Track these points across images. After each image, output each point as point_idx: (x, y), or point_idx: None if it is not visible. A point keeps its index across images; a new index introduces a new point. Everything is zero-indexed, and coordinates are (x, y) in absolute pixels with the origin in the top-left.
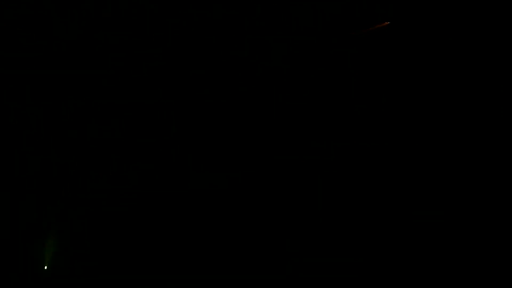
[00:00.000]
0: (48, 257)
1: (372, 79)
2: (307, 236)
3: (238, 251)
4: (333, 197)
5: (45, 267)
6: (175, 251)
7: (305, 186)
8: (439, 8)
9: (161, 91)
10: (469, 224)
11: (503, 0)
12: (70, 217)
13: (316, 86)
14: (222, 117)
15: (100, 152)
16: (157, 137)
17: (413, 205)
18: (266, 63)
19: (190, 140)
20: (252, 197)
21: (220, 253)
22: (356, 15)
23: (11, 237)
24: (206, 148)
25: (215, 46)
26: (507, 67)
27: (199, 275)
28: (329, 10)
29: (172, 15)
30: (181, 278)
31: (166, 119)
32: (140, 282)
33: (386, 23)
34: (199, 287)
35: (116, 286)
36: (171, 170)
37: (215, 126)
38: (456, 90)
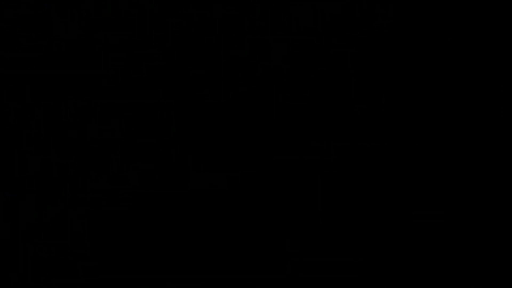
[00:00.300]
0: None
1: (372, 79)
2: (307, 236)
3: (238, 251)
4: (333, 197)
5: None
6: (175, 251)
7: (305, 186)
8: (439, 8)
9: (161, 91)
10: (469, 224)
11: (503, 0)
12: (70, 217)
13: (316, 86)
14: (222, 117)
15: (100, 152)
16: (157, 137)
17: (413, 205)
18: (266, 63)
19: (190, 140)
20: (252, 197)
21: (220, 253)
22: (356, 15)
23: (11, 237)
24: (206, 148)
25: (215, 46)
26: (507, 67)
27: (199, 275)
28: (329, 10)
29: (172, 15)
30: (181, 278)
31: (166, 119)
32: (140, 282)
33: None
34: (199, 287)
35: (116, 286)
36: (171, 170)
37: (215, 126)
38: (456, 90)
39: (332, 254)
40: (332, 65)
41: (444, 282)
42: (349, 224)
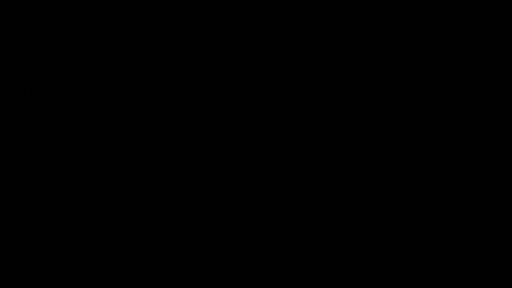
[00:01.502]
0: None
1: (372, 79)
2: (307, 236)
3: (238, 251)
4: (333, 197)
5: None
6: (175, 251)
7: (305, 186)
8: (439, 8)
9: (161, 91)
10: (469, 224)
11: (503, 0)
12: (70, 217)
13: (316, 86)
14: (222, 117)
15: (100, 152)
16: (157, 137)
17: (413, 205)
18: (266, 63)
19: (190, 140)
20: (252, 197)
21: (220, 253)
22: (356, 15)
23: (11, 237)
24: (206, 148)
25: (215, 46)
26: (507, 67)
27: (199, 275)
28: (329, 10)
29: (172, 15)
30: (181, 278)
31: (166, 119)
32: (140, 282)
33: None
34: (199, 287)
35: (116, 286)
36: (171, 170)
37: (215, 126)
38: (456, 90)
39: (332, 254)
40: (332, 65)
41: (444, 282)
42: (349, 224)
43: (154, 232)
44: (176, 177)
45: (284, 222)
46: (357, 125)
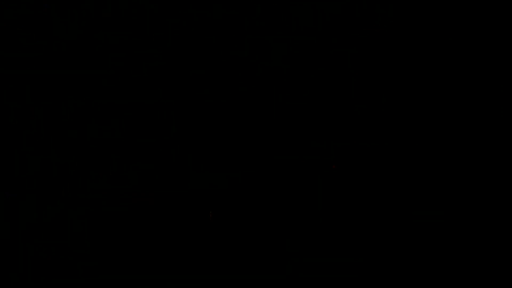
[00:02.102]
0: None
1: (372, 79)
2: (307, 236)
3: (238, 251)
4: (333, 197)
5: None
6: (175, 251)
7: (305, 186)
8: (439, 8)
9: (161, 91)
10: (469, 224)
11: (503, 0)
12: (70, 217)
13: (316, 86)
14: (222, 117)
15: (100, 152)
16: (157, 137)
17: (413, 205)
18: (266, 63)
19: (190, 140)
20: (252, 197)
21: (220, 253)
22: (356, 15)
23: (11, 237)
24: (206, 148)
25: (215, 46)
26: (507, 67)
27: (199, 275)
28: (329, 10)
29: (172, 15)
30: (181, 278)
31: (166, 119)
32: (140, 282)
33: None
34: (199, 287)
35: (116, 286)
36: (171, 170)
37: (215, 126)
38: (456, 90)
39: (332, 254)
40: (332, 65)
41: (444, 282)
42: (349, 224)
43: (154, 232)
44: (176, 177)
45: (284, 222)
46: (357, 125)
